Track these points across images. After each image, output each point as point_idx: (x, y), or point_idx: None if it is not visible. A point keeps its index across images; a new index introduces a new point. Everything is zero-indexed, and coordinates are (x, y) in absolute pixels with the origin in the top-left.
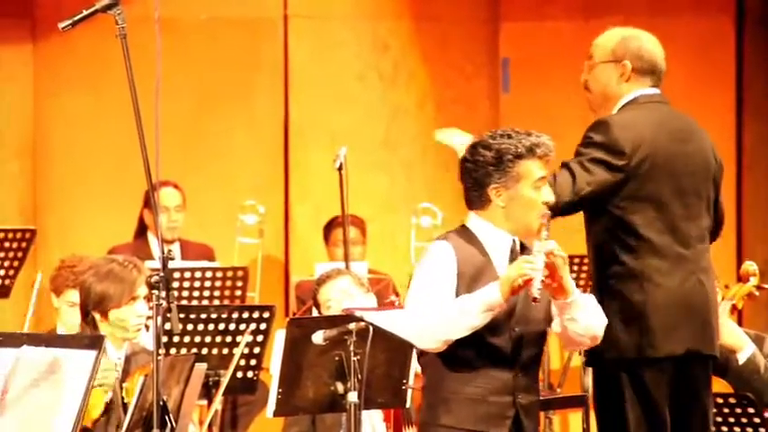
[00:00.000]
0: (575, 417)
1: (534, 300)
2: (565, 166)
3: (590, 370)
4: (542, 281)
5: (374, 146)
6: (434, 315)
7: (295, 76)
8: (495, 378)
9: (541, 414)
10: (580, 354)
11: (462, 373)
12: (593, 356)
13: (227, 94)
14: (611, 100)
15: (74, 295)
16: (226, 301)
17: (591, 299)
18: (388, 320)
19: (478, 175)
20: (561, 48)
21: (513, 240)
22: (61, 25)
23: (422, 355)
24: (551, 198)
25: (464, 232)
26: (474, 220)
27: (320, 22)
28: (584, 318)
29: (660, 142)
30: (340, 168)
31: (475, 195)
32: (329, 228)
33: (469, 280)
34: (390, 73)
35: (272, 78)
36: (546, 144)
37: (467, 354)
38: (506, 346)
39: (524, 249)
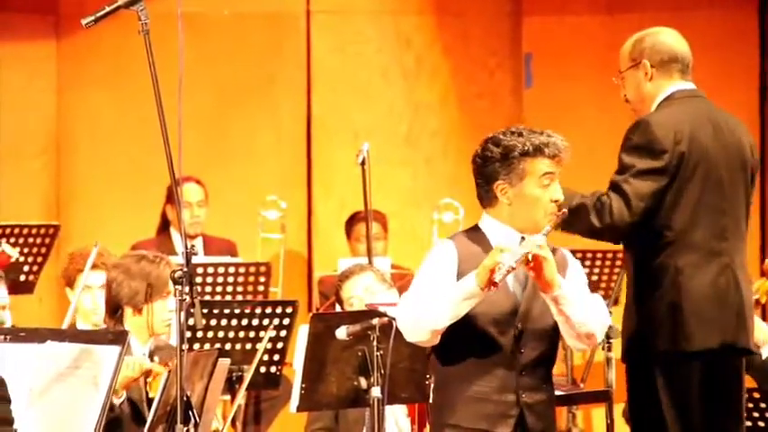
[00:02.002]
0: (598, 412)
1: (494, 284)
2: (614, 188)
3: (614, 365)
4: (512, 269)
5: (397, 141)
6: (419, 306)
7: (317, 71)
8: (499, 377)
9: (564, 409)
10: (604, 349)
11: (466, 372)
12: (629, 352)
13: (249, 90)
14: (646, 102)
15: (88, 279)
16: (249, 297)
17: (590, 297)
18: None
19: (486, 172)
20: (584, 42)
21: (522, 238)
22: (84, 21)
23: (430, 355)
24: (561, 196)
25: (474, 231)
26: (485, 219)
27: (342, 18)
28: (575, 313)
29: (698, 137)
30: (363, 164)
31: (484, 192)
32: (351, 223)
33: None
34: (413, 68)
35: (295, 74)
36: (556, 144)
37: (471, 353)
38: (510, 345)
39: None
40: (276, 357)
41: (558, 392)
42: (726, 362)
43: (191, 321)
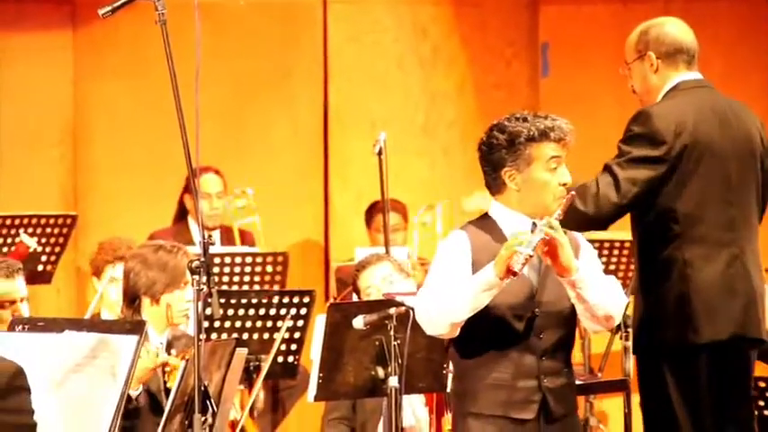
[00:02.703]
0: (616, 401)
1: (514, 274)
2: (606, 169)
3: (631, 354)
4: (530, 257)
5: (414, 131)
6: (438, 300)
7: (334, 61)
8: (519, 362)
9: (582, 398)
10: (621, 338)
11: (486, 361)
12: (639, 344)
13: (266, 80)
14: (652, 93)
15: (114, 270)
16: (266, 287)
17: (605, 279)
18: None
19: (493, 158)
20: (600, 32)
21: (534, 223)
22: (101, 12)
23: (449, 345)
24: (569, 179)
25: (484, 220)
26: (495, 206)
27: (359, 7)
28: (593, 296)
29: (703, 128)
30: (380, 153)
31: (491, 179)
32: (371, 213)
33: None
34: (430, 58)
35: (311, 64)
36: (561, 128)
37: (490, 341)
38: (528, 330)
39: None
40: (293, 347)
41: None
42: (736, 353)
43: (208, 311)
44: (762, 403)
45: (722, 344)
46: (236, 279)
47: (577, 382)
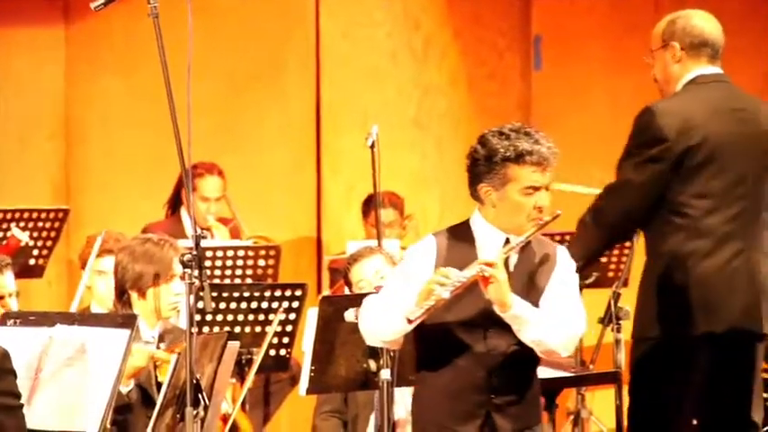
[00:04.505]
0: (608, 393)
1: (409, 321)
2: (617, 181)
3: (623, 347)
4: (440, 301)
5: (406, 124)
6: (371, 316)
7: (326, 54)
8: (469, 376)
9: (573, 391)
10: (613, 330)
11: (439, 371)
12: (638, 334)
13: (258, 73)
14: (671, 84)
15: (102, 263)
16: (258, 280)
17: (550, 311)
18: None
19: (473, 172)
20: (593, 24)
21: (507, 239)
22: (93, 5)
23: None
24: (546, 203)
25: (462, 227)
26: (475, 216)
27: (351, 0)
28: (530, 333)
29: (713, 124)
30: (372, 146)
31: (472, 191)
32: (368, 205)
33: None
34: (422, 51)
35: (304, 56)
36: (541, 152)
37: (443, 351)
38: (480, 348)
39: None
40: (285, 340)
41: (567, 374)
42: (738, 346)
43: (200, 305)
44: (766, 395)
45: (720, 337)
46: (228, 272)
47: (569, 375)
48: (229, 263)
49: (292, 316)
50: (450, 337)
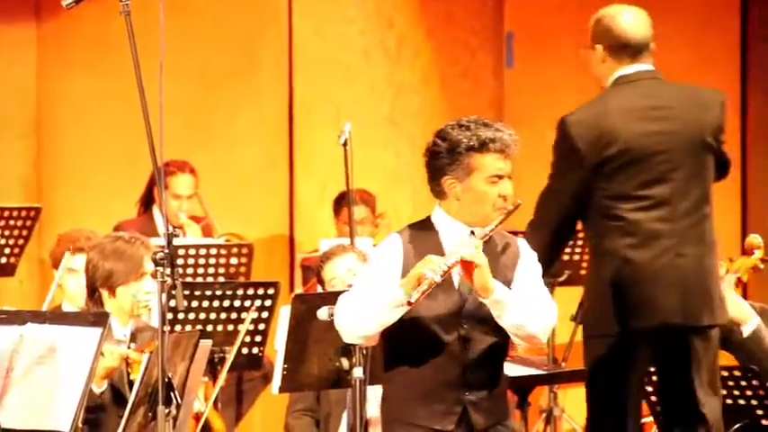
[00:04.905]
0: (580, 390)
1: (409, 303)
2: (544, 192)
3: None
4: (432, 284)
5: (379, 122)
6: (351, 310)
7: (299, 52)
8: (443, 374)
9: (546, 388)
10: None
11: (413, 369)
12: (583, 332)
13: (231, 70)
14: (602, 82)
15: (73, 262)
16: (231, 278)
17: (534, 296)
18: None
19: (434, 166)
20: (565, 22)
21: (472, 232)
22: (65, 3)
23: (382, 350)
24: (510, 191)
25: (424, 224)
26: (437, 211)
27: None
28: (512, 317)
29: (628, 127)
30: (345, 144)
31: (434, 185)
32: (339, 203)
33: None
34: (395, 49)
35: (277, 54)
36: (503, 139)
37: (416, 349)
38: (454, 344)
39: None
40: (258, 339)
41: (539, 372)
42: (673, 342)
43: (172, 303)
44: (724, 392)
45: (654, 332)
46: (200, 271)
47: (541, 373)
48: (202, 261)
49: (265, 314)
50: (425, 334)
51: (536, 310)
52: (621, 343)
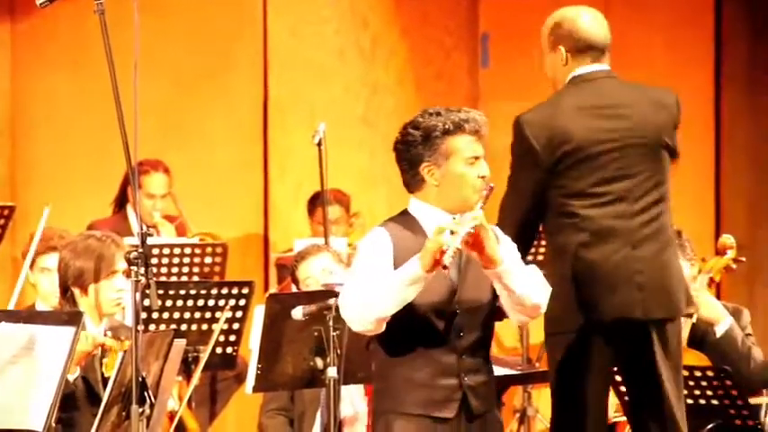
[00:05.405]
0: None
1: (444, 267)
2: (505, 193)
3: None
4: (458, 250)
5: (354, 122)
6: (363, 295)
7: (274, 51)
8: (440, 361)
9: (520, 388)
10: None
11: (408, 359)
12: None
13: (206, 70)
14: (559, 84)
15: (46, 261)
16: (205, 278)
17: (529, 269)
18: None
19: (410, 156)
20: (540, 22)
21: (454, 218)
22: (39, 2)
23: (369, 343)
24: (487, 172)
25: (404, 217)
26: (413, 204)
27: None
28: (519, 286)
29: (579, 126)
30: (319, 144)
31: (410, 177)
32: (314, 203)
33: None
34: (370, 49)
35: (251, 54)
36: (476, 119)
37: (411, 339)
38: (449, 328)
39: None
40: (232, 338)
41: (513, 372)
42: (634, 335)
43: (146, 302)
44: (698, 392)
45: (612, 326)
46: (174, 270)
47: (515, 373)
48: (176, 260)
49: (239, 314)
50: (420, 324)
51: (535, 280)
52: (581, 339)
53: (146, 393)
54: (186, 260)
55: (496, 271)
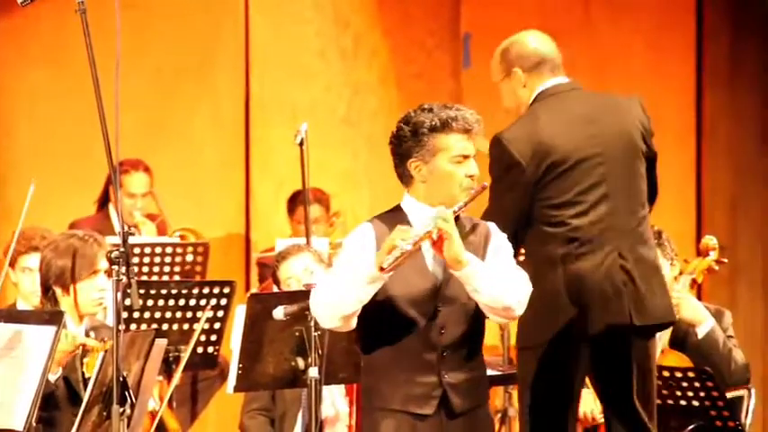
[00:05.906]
0: None
1: (381, 269)
2: (490, 207)
3: None
4: (405, 254)
5: (336, 122)
6: (327, 293)
7: (256, 51)
8: (420, 357)
9: (501, 389)
10: None
11: (390, 355)
12: (518, 340)
13: (187, 69)
14: (523, 107)
15: (28, 260)
16: (186, 277)
17: (507, 270)
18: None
19: (400, 151)
20: (522, 22)
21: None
22: (20, 1)
23: (357, 339)
24: (476, 171)
25: (394, 212)
26: (406, 199)
27: None
28: (487, 289)
29: (563, 138)
30: (301, 144)
31: (401, 172)
32: (294, 202)
33: None
34: (352, 49)
35: (233, 54)
36: (466, 118)
37: (392, 335)
38: (430, 326)
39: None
40: (213, 338)
41: (494, 373)
42: (620, 340)
43: (127, 302)
44: (678, 393)
45: (598, 337)
46: (155, 269)
47: (496, 374)
48: (157, 259)
49: (220, 313)
50: (401, 319)
51: (510, 281)
52: (561, 350)
53: (126, 393)
54: (168, 259)
55: (460, 273)
